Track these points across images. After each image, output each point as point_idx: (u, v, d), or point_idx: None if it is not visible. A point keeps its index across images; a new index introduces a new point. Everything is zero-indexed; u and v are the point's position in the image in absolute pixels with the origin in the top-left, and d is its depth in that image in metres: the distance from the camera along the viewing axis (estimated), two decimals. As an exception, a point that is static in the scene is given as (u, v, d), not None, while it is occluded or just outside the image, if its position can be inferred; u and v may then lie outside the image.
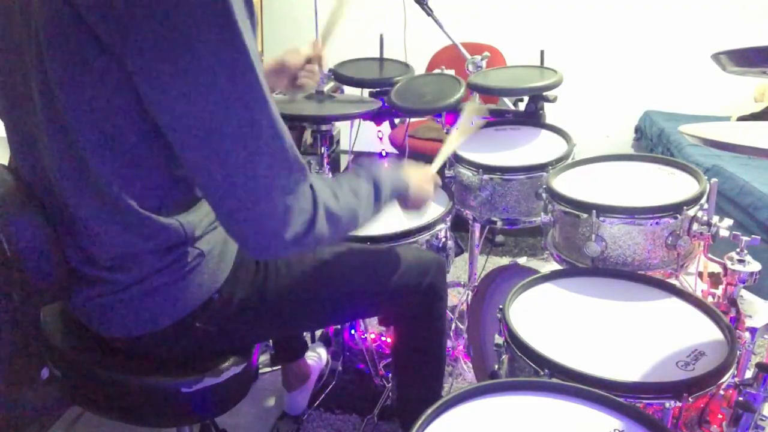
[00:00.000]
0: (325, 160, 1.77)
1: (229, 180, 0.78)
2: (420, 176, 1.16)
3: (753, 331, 1.07)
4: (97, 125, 0.81)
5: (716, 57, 0.92)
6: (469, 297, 1.73)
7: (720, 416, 0.88)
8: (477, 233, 1.84)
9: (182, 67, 0.73)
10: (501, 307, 1.04)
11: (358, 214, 0.94)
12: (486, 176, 1.46)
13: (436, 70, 1.78)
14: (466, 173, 1.51)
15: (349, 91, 1.95)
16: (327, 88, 1.75)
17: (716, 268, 1.18)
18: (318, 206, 0.85)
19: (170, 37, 0.72)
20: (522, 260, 1.51)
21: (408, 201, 1.14)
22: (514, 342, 0.96)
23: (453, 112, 1.72)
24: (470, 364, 1.77)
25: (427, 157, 1.33)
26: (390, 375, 1.71)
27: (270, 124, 0.78)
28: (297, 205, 0.82)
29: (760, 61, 0.88)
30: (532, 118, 1.66)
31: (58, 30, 0.77)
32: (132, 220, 0.87)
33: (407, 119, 2.27)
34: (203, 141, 0.76)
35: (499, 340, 1.02)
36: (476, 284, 1.69)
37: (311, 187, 0.85)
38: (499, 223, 1.53)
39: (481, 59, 1.74)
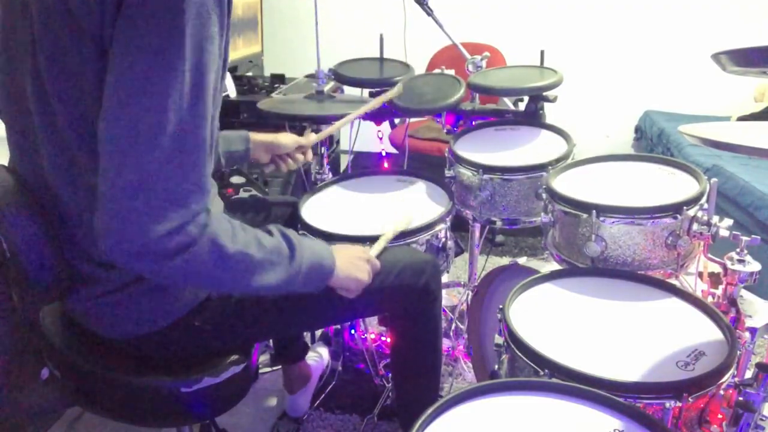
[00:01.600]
0: (325, 160, 1.77)
1: (116, 160, 0.73)
2: (350, 254, 1.05)
3: (753, 331, 1.07)
4: (86, 118, 0.81)
5: (716, 57, 0.92)
6: (469, 297, 1.73)
7: (720, 416, 0.88)
8: (477, 233, 1.84)
9: (124, 45, 0.74)
10: (501, 307, 1.04)
11: (255, 265, 0.85)
12: (486, 176, 1.46)
13: (436, 70, 1.78)
14: (466, 173, 1.50)
15: (349, 91, 1.95)
16: (327, 88, 1.75)
17: (716, 268, 1.18)
18: (203, 232, 0.78)
19: (129, 25, 0.73)
20: (522, 260, 1.51)
21: (338, 280, 1.01)
22: (514, 342, 0.96)
23: (453, 112, 1.72)
24: (470, 364, 1.77)
25: (427, 157, 1.33)
26: (390, 375, 1.71)
27: (181, 123, 0.75)
28: (177, 218, 0.75)
29: (760, 61, 0.88)
30: (532, 118, 1.66)
31: (50, 24, 0.79)
32: None
33: (407, 119, 2.27)
34: (102, 121, 0.75)
35: (499, 340, 1.02)
36: (476, 284, 1.69)
37: (208, 212, 0.79)
38: (499, 223, 1.53)
39: (481, 59, 1.74)
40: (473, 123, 1.72)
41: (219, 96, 0.86)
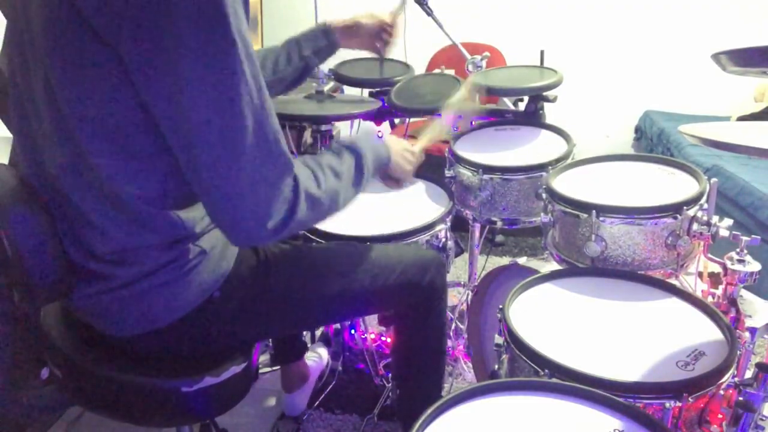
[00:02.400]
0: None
1: (215, 177, 0.80)
2: (400, 147, 1.18)
3: (753, 331, 1.07)
4: (96, 117, 0.81)
5: (716, 57, 0.92)
6: (469, 297, 1.73)
7: (720, 416, 0.88)
8: (477, 233, 1.84)
9: (171, 61, 0.73)
10: (501, 307, 1.04)
11: (340, 196, 0.97)
12: (486, 176, 1.46)
13: (436, 70, 1.78)
14: (466, 173, 1.50)
15: (349, 91, 1.95)
16: (327, 88, 1.75)
17: (716, 268, 1.18)
18: (299, 194, 0.87)
19: (161, 30, 0.72)
20: (522, 260, 1.51)
21: (389, 171, 1.16)
22: (514, 342, 0.96)
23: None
24: (470, 364, 1.77)
25: (427, 157, 1.33)
26: (390, 375, 1.71)
27: (257, 116, 0.79)
28: (280, 195, 0.84)
29: (760, 61, 0.88)
30: (532, 118, 1.66)
31: (57, 24, 0.78)
32: (132, 213, 0.87)
33: (407, 119, 2.26)
34: (187, 139, 0.78)
35: (499, 340, 1.02)
36: (476, 284, 1.69)
37: (295, 177, 0.87)
38: (499, 223, 1.53)
39: (481, 59, 1.74)
40: (473, 123, 1.72)
41: None
